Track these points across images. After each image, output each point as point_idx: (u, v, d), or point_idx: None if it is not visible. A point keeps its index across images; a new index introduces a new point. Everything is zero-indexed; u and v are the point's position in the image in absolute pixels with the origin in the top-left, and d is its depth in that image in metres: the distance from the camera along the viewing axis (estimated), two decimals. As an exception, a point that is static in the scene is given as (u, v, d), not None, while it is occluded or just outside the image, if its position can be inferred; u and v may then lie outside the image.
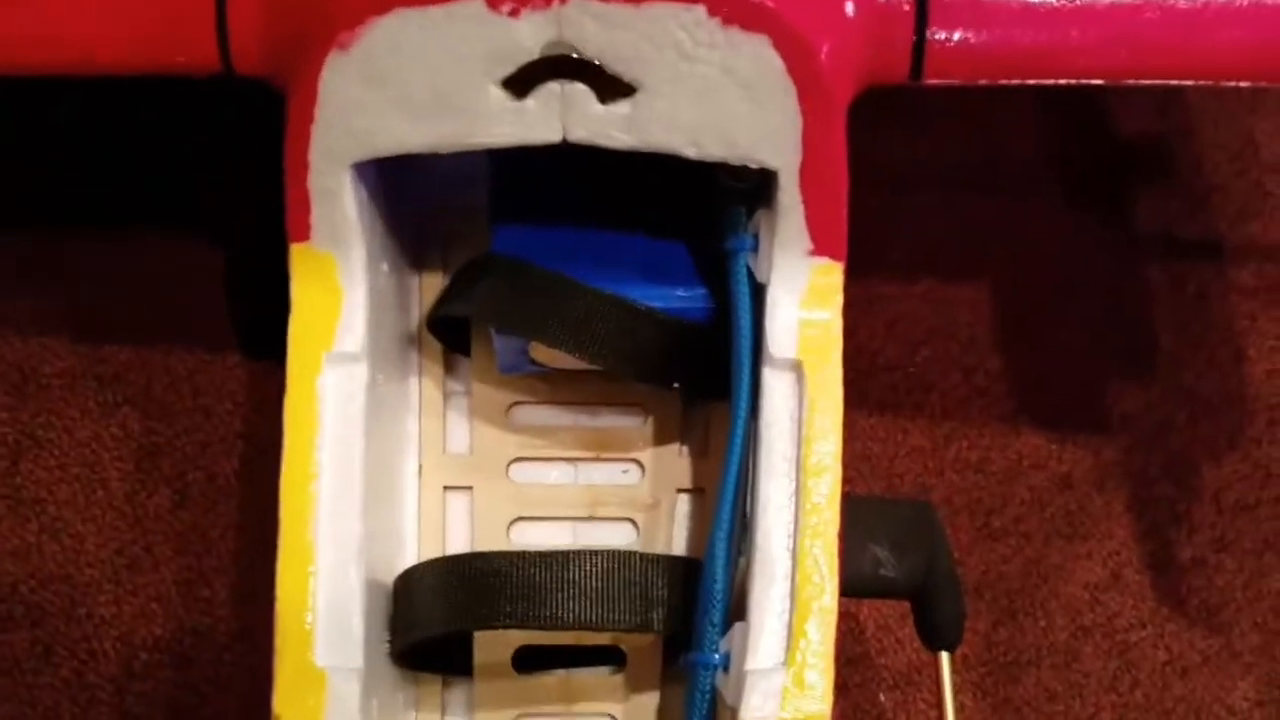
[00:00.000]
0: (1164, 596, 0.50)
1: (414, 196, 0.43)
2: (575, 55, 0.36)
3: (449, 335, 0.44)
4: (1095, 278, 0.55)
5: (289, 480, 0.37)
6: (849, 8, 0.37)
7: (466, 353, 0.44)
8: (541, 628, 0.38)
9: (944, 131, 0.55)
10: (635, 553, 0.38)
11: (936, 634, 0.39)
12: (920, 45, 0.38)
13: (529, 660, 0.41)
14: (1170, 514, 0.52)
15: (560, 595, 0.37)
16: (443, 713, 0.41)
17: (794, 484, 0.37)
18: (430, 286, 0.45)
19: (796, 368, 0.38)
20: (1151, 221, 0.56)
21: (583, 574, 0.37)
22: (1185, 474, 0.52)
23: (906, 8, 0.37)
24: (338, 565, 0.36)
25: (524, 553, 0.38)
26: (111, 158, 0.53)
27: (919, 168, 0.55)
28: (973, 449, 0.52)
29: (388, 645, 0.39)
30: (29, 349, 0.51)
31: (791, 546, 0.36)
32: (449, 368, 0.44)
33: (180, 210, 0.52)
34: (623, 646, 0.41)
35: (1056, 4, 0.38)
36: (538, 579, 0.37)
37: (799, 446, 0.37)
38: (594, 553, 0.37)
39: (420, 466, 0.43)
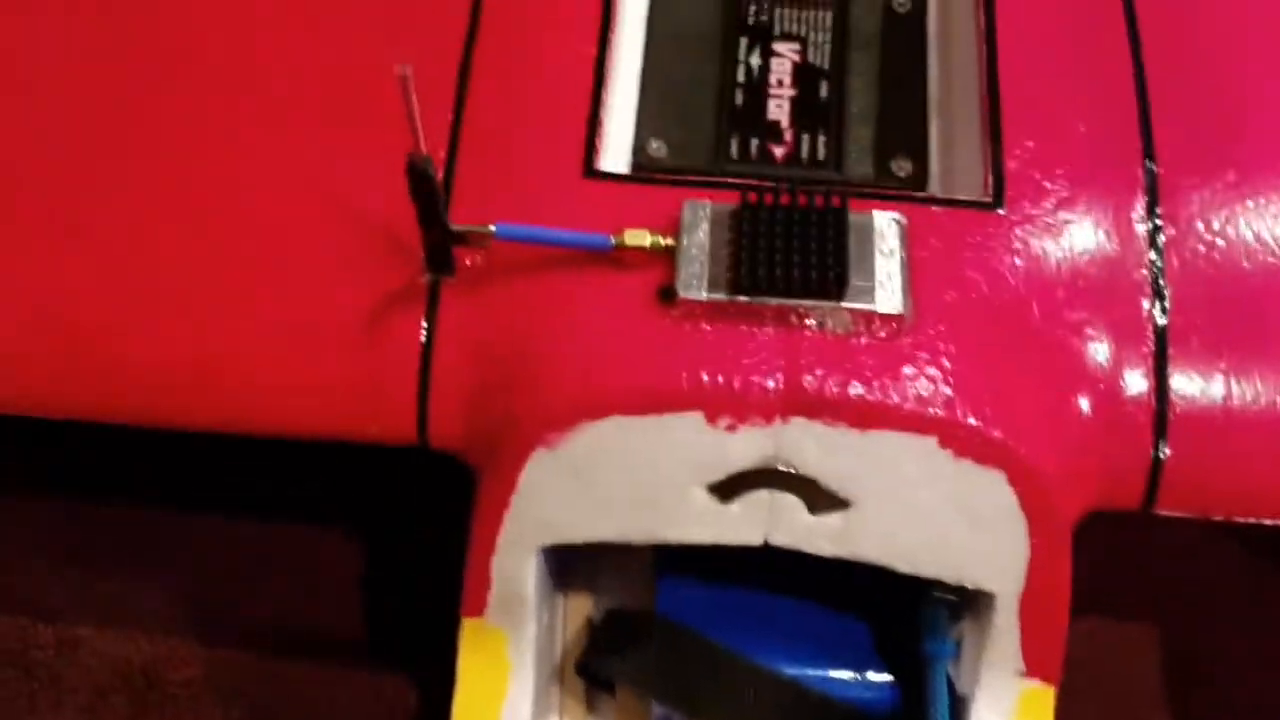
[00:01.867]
0: None
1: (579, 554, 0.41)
2: (789, 470, 0.34)
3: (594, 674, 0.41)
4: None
5: None
6: (1083, 435, 0.35)
7: (611, 691, 0.41)
8: None
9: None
10: None
11: None
12: (1156, 474, 0.35)
13: None
14: None
15: None
16: None
17: None
18: (575, 610, 0.42)
19: (1004, 794, 0.35)
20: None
21: None
22: None
23: (1143, 435, 0.35)
24: None
25: None
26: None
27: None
28: None
29: None
30: (156, 651, 0.47)
31: None
32: (590, 705, 0.41)
33: (346, 520, 0.49)
34: None
35: None
36: None
37: None
38: None
39: None
